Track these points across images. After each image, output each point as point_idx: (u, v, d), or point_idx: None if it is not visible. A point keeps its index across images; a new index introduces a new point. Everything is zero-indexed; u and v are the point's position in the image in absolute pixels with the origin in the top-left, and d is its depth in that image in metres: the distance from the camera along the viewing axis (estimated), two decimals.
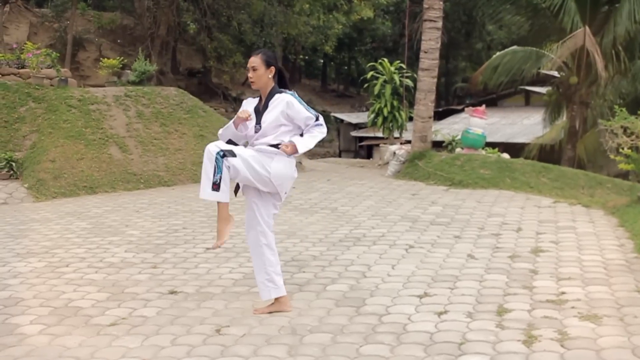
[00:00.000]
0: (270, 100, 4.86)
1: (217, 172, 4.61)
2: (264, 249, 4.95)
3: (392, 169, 13.36)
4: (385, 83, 15.53)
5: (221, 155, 4.61)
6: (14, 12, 31.44)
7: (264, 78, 4.83)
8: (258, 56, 4.84)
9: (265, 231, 4.96)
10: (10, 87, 13.94)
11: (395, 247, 7.03)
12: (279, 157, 4.80)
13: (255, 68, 4.82)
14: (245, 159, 4.68)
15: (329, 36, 29.61)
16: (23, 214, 9.90)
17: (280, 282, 5.01)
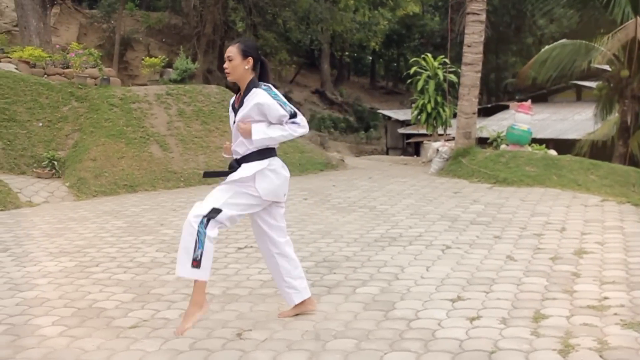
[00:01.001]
0: (246, 95, 4.45)
1: (198, 246, 4.21)
2: (276, 258, 4.71)
3: (435, 167, 13.05)
4: (428, 78, 15.22)
5: (204, 226, 4.23)
6: (64, 13, 31.98)
7: (239, 69, 4.40)
8: (235, 45, 4.42)
9: (274, 240, 4.69)
10: (54, 87, 14.08)
11: (431, 248, 6.78)
12: (258, 175, 4.42)
13: (230, 58, 4.40)
14: (232, 203, 4.34)
15: (375, 32, 29.26)
16: (62, 213, 9.93)
17: (301, 286, 4.80)
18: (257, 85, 4.44)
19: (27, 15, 20.63)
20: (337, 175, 13.46)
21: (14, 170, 12.13)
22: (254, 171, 4.40)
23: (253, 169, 4.41)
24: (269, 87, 4.46)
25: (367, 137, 35.94)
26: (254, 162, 4.44)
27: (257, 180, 4.40)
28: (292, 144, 14.79)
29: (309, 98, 39.75)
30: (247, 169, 4.42)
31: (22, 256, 7.11)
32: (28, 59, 15.48)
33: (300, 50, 36.57)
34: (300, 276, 4.80)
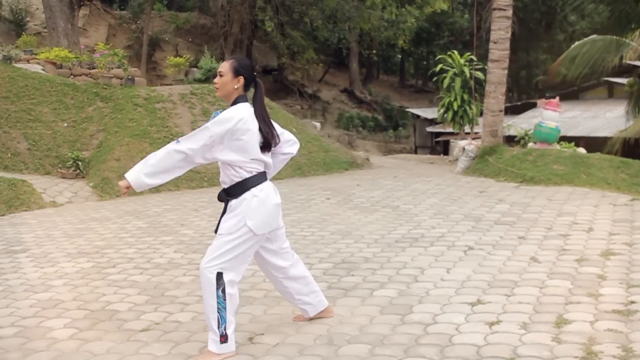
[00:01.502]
0: None
1: (221, 322, 4.06)
2: (283, 283, 4.54)
3: (461, 165, 12.84)
4: (455, 76, 14.99)
5: (223, 298, 4.06)
6: (93, 15, 32.26)
7: (228, 87, 4.16)
8: (229, 62, 4.20)
9: (278, 266, 4.47)
10: (79, 88, 14.15)
11: (453, 249, 6.61)
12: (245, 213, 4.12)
13: (221, 74, 4.17)
14: (230, 259, 4.09)
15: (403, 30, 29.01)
16: (84, 213, 9.93)
17: (315, 299, 4.66)
18: (233, 104, 4.19)
19: (55, 17, 20.80)
20: (361, 175, 13.31)
21: (39, 170, 12.20)
22: (242, 222, 4.11)
23: (239, 219, 4.12)
24: (221, 110, 4.18)
25: (395, 136, 35.69)
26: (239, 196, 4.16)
27: (247, 217, 4.13)
28: (317, 143, 14.68)
29: (338, 97, 39.64)
30: (233, 219, 4.14)
31: (41, 257, 7.09)
32: (54, 59, 15.58)
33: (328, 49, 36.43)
34: (313, 290, 4.64)
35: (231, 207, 4.18)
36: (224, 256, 4.10)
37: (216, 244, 4.15)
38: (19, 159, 12.22)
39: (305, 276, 4.61)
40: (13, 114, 12.93)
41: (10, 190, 10.59)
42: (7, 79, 13.61)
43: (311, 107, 35.43)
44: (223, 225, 4.18)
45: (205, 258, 4.14)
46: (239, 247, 4.14)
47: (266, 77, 35.84)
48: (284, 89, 35.72)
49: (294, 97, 35.48)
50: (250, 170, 4.17)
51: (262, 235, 4.24)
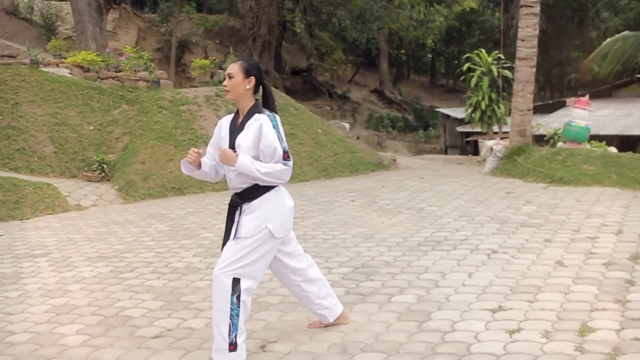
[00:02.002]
0: (248, 119, 4.05)
1: (232, 329, 3.91)
2: (302, 286, 4.41)
3: (489, 166, 12.60)
4: (482, 75, 14.73)
5: (237, 305, 3.91)
6: (123, 18, 32.52)
7: (239, 88, 4.04)
8: (237, 63, 4.07)
9: (296, 268, 4.36)
10: (105, 91, 14.19)
11: (476, 252, 6.43)
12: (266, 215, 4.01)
13: (231, 75, 4.04)
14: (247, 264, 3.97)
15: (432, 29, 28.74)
16: (108, 216, 9.92)
17: (332, 302, 4.54)
18: (261, 111, 4.08)
19: (84, 21, 20.96)
20: (388, 176, 13.14)
21: (64, 173, 12.25)
22: (263, 224, 4.01)
23: (261, 220, 4.01)
24: (274, 116, 4.09)
25: (425, 136, 35.39)
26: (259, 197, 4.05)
27: (267, 219, 4.01)
28: (343, 145, 14.55)
29: (368, 97, 39.45)
30: (254, 222, 4.01)
31: (60, 261, 7.06)
32: (82, 63, 15.65)
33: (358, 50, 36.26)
34: (329, 293, 4.53)
35: (251, 208, 4.05)
36: (242, 260, 3.98)
37: (234, 247, 4.01)
38: (45, 162, 12.28)
39: (321, 278, 4.51)
40: (40, 118, 13.01)
41: (35, 194, 10.63)
42: (34, 82, 13.71)
43: (341, 108, 35.29)
44: (243, 228, 4.03)
45: (220, 262, 4.01)
46: (257, 250, 4.02)
47: (295, 78, 35.80)
48: (313, 89, 35.63)
49: (324, 98, 35.35)
50: None
51: (280, 238, 4.14)
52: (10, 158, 12.07)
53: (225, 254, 4.04)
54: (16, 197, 10.43)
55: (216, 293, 3.99)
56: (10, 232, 8.93)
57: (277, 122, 4.08)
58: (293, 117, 14.70)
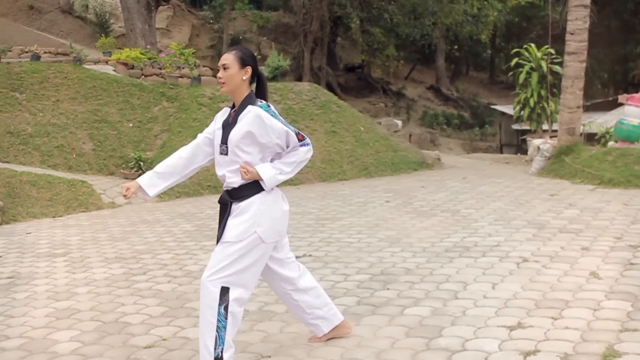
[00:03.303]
0: (241, 112, 3.77)
1: (218, 343, 3.64)
2: (292, 295, 4.09)
3: (536, 166, 12.02)
4: (531, 71, 14.12)
5: (224, 316, 3.64)
6: (177, 15, 32.75)
7: (236, 79, 3.76)
8: (232, 53, 3.80)
9: (287, 277, 4.05)
10: (146, 88, 14.13)
11: (505, 261, 5.99)
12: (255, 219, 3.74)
13: (226, 66, 3.76)
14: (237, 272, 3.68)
15: (486, 24, 27.97)
16: (138, 215, 9.79)
17: (329, 312, 4.20)
18: (254, 102, 3.80)
19: (133, 18, 21.09)
20: (430, 175, 12.70)
21: (102, 171, 12.21)
22: (252, 229, 3.73)
23: (249, 224, 3.73)
24: (267, 105, 3.81)
25: (481, 134, 34.60)
26: (249, 198, 3.77)
27: (257, 223, 3.74)
28: (385, 143, 14.15)
29: (424, 94, 38.85)
30: (241, 223, 3.73)
31: (77, 262, 6.91)
32: (126, 60, 15.66)
33: (413, 46, 35.64)
34: (325, 303, 4.19)
35: (240, 210, 3.77)
36: (230, 267, 3.69)
37: (222, 253, 3.73)
38: (83, 159, 12.26)
39: (315, 287, 4.17)
40: (80, 115, 13.02)
41: (69, 191, 10.59)
42: (76, 80, 13.74)
43: (395, 105, 34.81)
44: (230, 231, 3.75)
45: (208, 269, 3.72)
46: (246, 257, 3.73)
47: (349, 75, 35.43)
48: (367, 86, 35.24)
49: (378, 95, 34.93)
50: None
51: (271, 244, 3.84)
52: (49, 155, 12.08)
53: (213, 259, 3.75)
54: (50, 194, 10.41)
55: (203, 302, 3.71)
56: (39, 230, 8.87)
57: (273, 110, 3.82)
58: (335, 115, 14.38)
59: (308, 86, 15.21)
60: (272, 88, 14.58)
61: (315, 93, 14.86)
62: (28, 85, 13.27)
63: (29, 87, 13.22)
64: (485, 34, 29.31)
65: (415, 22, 28.42)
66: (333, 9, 28.17)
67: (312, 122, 13.87)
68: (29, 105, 12.88)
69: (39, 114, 12.76)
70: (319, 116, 14.14)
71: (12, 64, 13.93)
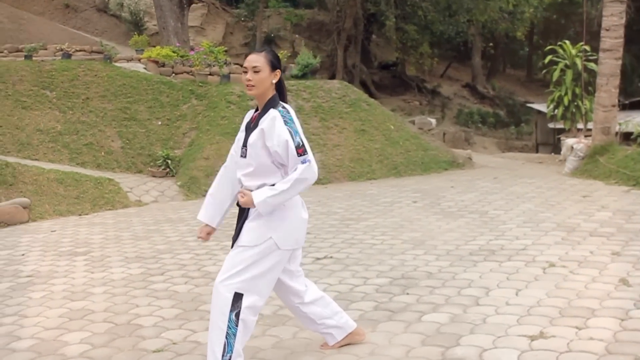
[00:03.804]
0: (263, 115, 3.65)
1: (227, 350, 3.53)
2: (301, 308, 3.96)
3: (569, 166, 11.71)
4: (565, 68, 13.76)
5: (235, 323, 3.53)
6: (211, 13, 32.85)
7: (266, 83, 3.62)
8: (262, 54, 3.64)
9: (296, 290, 3.92)
10: (175, 86, 14.12)
11: (531, 265, 5.78)
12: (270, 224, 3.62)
13: (257, 69, 3.60)
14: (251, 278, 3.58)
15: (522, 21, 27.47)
16: (164, 213, 9.75)
17: (341, 321, 4.05)
18: (276, 105, 3.67)
19: (166, 16, 21.14)
20: (460, 175, 12.45)
21: (130, 169, 12.22)
22: (267, 234, 3.61)
23: (265, 229, 3.62)
24: (287, 110, 3.66)
25: (517, 133, 34.08)
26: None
27: (272, 227, 3.63)
28: (416, 142, 13.94)
29: (459, 92, 38.41)
30: (257, 227, 3.62)
31: (97, 261, 6.87)
32: (156, 58, 15.67)
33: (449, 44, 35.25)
34: (335, 311, 4.04)
35: (257, 214, 3.64)
36: (245, 273, 3.58)
37: (237, 257, 3.62)
38: (112, 157, 12.28)
39: (322, 296, 4.04)
40: (109, 113, 13.05)
41: (95, 189, 10.60)
42: (106, 78, 13.77)
43: (430, 103, 34.48)
44: (245, 235, 3.64)
45: (222, 273, 3.62)
46: (261, 263, 3.61)
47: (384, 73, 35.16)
48: (402, 84, 34.96)
49: (413, 93, 34.62)
50: (282, 175, 3.66)
51: (287, 251, 3.71)
52: (78, 153, 12.12)
53: (227, 263, 3.65)
54: (77, 192, 10.43)
55: (215, 307, 3.60)
56: (64, 228, 8.87)
57: (290, 115, 3.65)
58: (364, 113, 14.20)
59: (338, 84, 15.05)
60: (302, 86, 14.48)
61: (345, 91, 14.70)
62: (58, 83, 13.34)
63: (59, 85, 13.29)
64: (521, 31, 28.80)
65: (450, 20, 28.08)
66: (367, 6, 27.94)
67: (341, 121, 13.72)
68: (59, 103, 12.95)
69: (68, 112, 12.82)
70: (348, 114, 13.98)
71: (44, 62, 14.02)
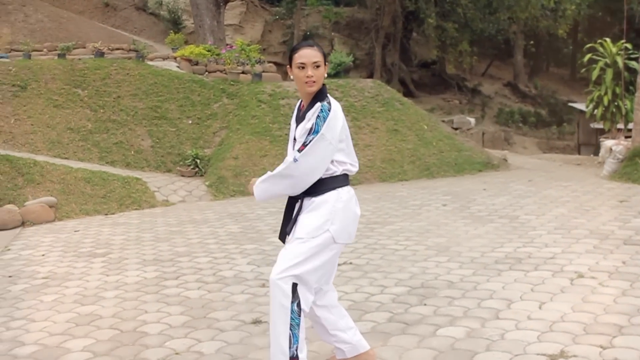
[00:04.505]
0: (310, 108, 3.50)
1: (293, 341, 3.40)
2: (314, 310, 3.69)
3: (607, 169, 11.29)
4: (606, 67, 13.29)
5: (298, 314, 3.40)
6: (250, 12, 32.83)
7: (323, 78, 3.50)
8: (317, 49, 3.47)
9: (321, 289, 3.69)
10: (207, 84, 14.04)
11: (559, 276, 5.48)
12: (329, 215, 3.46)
13: (318, 64, 3.44)
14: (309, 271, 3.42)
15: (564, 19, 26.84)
16: (189, 214, 9.65)
17: (354, 338, 3.76)
18: (323, 98, 3.50)
19: (202, 14, 21.15)
20: (494, 177, 12.11)
21: (160, 168, 12.17)
22: (325, 226, 3.45)
23: (323, 221, 3.46)
24: (329, 107, 3.47)
25: (559, 132, 33.39)
26: (323, 194, 3.50)
27: (329, 221, 3.48)
28: (449, 142, 13.62)
29: (500, 91, 37.80)
30: (314, 219, 3.47)
31: (114, 263, 6.77)
32: (189, 56, 15.64)
33: (490, 41, 34.67)
34: (349, 326, 3.78)
35: (313, 205, 3.50)
36: (303, 265, 3.41)
37: (295, 250, 3.44)
38: (141, 156, 12.25)
39: (338, 306, 3.80)
40: (140, 112, 13.02)
41: (122, 189, 10.56)
42: (138, 76, 13.76)
43: (470, 102, 34.00)
44: (302, 227, 3.48)
45: (278, 266, 3.43)
46: (319, 256, 3.46)
47: (424, 71, 34.74)
48: (442, 82, 34.55)
49: (453, 92, 34.20)
50: (337, 167, 3.54)
51: (341, 245, 3.56)
52: (108, 151, 12.12)
53: (284, 257, 3.45)
54: (104, 191, 10.40)
55: (275, 301, 3.41)
56: (88, 228, 8.83)
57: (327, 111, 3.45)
58: (397, 112, 13.94)
59: (371, 83, 14.81)
60: (334, 85, 14.27)
61: (378, 90, 14.45)
62: (90, 81, 13.37)
63: (91, 84, 13.32)
64: (563, 28, 28.13)
65: (490, 17, 27.58)
66: (405, 3, 27.60)
67: (373, 120, 13.48)
68: (90, 101, 12.97)
69: (99, 110, 12.82)
70: (380, 114, 13.73)
71: (77, 60, 14.06)
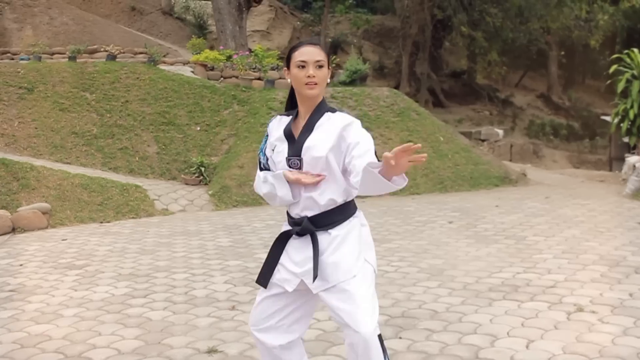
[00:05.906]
0: (317, 118, 2.97)
1: None
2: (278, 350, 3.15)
3: (630, 187, 10.65)
4: (633, 79, 12.63)
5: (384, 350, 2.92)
6: (278, 18, 32.61)
7: (325, 82, 2.98)
8: (320, 47, 2.94)
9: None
10: (218, 90, 13.69)
11: (555, 308, 4.95)
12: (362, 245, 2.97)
13: (321, 63, 2.91)
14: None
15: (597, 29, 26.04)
16: (184, 225, 9.28)
17: None
18: (331, 108, 3.01)
19: (224, 19, 20.90)
20: (510, 193, 11.53)
21: (164, 175, 11.84)
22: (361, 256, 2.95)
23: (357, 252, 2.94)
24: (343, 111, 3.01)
25: (591, 146, 32.48)
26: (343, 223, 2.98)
27: (362, 251, 2.97)
28: (466, 155, 13.07)
29: (533, 102, 37.04)
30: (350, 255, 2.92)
31: (88, 276, 6.41)
32: (205, 61, 15.32)
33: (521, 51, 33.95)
34: None
35: (339, 239, 2.94)
36: (376, 307, 2.92)
37: (363, 294, 2.88)
38: (146, 162, 11.92)
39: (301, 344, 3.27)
40: (147, 117, 12.71)
41: (120, 196, 10.24)
42: (148, 81, 13.46)
43: (501, 113, 33.31)
44: (349, 267, 2.91)
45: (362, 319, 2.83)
46: (372, 286, 2.96)
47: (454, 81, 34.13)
48: (473, 93, 33.88)
49: (483, 102, 33.52)
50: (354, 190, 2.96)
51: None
52: (112, 157, 11.82)
53: (359, 305, 2.86)
54: (101, 198, 10.08)
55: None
56: (76, 237, 8.49)
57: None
58: (413, 123, 13.43)
59: (387, 91, 14.32)
60: (348, 93, 13.84)
61: (394, 99, 13.96)
62: (99, 85, 13.10)
63: (99, 88, 13.05)
64: (596, 39, 27.28)
65: (521, 27, 26.89)
66: (434, 11, 27.06)
67: (387, 131, 12.99)
68: (98, 105, 12.69)
69: (106, 115, 12.54)
70: (395, 124, 13.24)
71: (87, 63, 13.82)
